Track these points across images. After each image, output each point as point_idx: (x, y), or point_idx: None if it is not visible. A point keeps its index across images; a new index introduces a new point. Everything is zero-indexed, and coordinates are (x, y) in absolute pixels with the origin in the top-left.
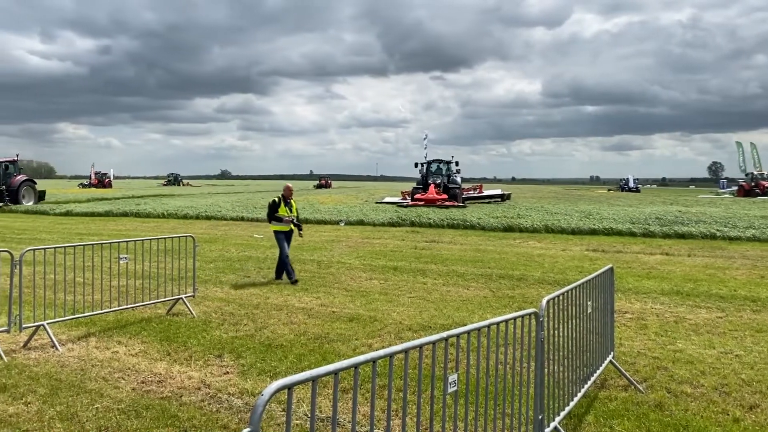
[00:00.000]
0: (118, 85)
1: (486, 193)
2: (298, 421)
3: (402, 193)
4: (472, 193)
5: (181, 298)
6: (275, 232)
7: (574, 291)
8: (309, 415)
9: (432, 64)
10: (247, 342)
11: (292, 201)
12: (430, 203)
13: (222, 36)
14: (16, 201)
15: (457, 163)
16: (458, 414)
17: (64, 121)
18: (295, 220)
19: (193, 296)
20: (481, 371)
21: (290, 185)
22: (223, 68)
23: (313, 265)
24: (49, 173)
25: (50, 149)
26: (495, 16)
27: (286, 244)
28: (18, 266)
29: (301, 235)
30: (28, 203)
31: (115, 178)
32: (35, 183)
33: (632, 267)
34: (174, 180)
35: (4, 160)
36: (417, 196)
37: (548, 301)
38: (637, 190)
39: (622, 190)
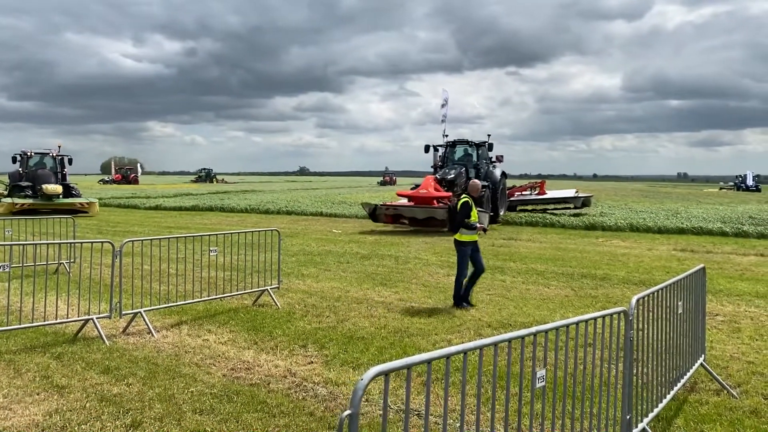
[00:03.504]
0: (203, 84)
1: (550, 195)
2: (380, 411)
3: None
4: (527, 196)
5: (267, 289)
6: (460, 243)
7: (663, 291)
8: (391, 407)
9: (507, 60)
10: (329, 333)
11: None
12: (421, 204)
13: (300, 37)
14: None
15: (491, 147)
16: (545, 412)
17: (152, 119)
18: (486, 226)
19: (278, 288)
20: (568, 369)
21: (478, 182)
22: (301, 68)
23: (391, 261)
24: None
25: (140, 146)
26: (573, 10)
27: (468, 261)
28: (118, 257)
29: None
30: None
31: (144, 173)
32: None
33: (724, 268)
34: (206, 176)
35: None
36: (399, 192)
37: (638, 300)
38: (757, 189)
39: (739, 189)
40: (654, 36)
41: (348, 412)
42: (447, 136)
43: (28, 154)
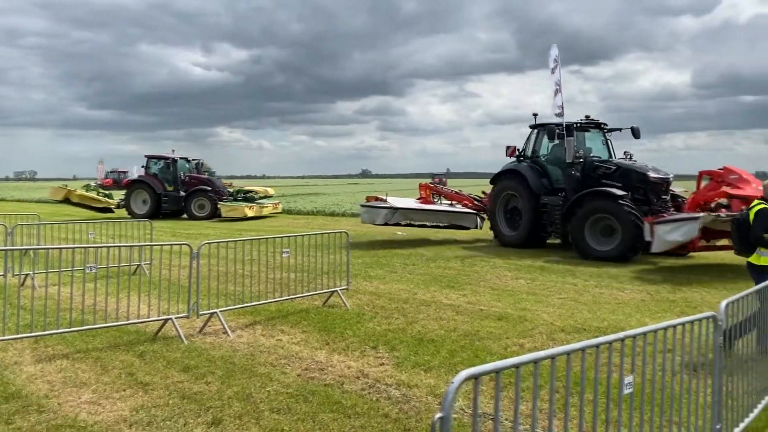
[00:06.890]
0: (268, 91)
1: None
2: (455, 415)
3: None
4: None
5: (336, 291)
6: (761, 269)
7: (754, 295)
8: (465, 411)
9: (570, 59)
10: (399, 335)
11: None
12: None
13: (361, 42)
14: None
15: (636, 133)
16: (628, 419)
17: (221, 125)
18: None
19: (347, 289)
20: (656, 376)
21: None
22: (362, 72)
23: (457, 263)
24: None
25: (209, 151)
26: (637, 6)
27: None
28: (196, 258)
29: None
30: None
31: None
32: None
33: None
34: None
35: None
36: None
37: (728, 305)
38: None
39: None
40: (725, 30)
41: (440, 414)
42: (562, 114)
43: (176, 159)
